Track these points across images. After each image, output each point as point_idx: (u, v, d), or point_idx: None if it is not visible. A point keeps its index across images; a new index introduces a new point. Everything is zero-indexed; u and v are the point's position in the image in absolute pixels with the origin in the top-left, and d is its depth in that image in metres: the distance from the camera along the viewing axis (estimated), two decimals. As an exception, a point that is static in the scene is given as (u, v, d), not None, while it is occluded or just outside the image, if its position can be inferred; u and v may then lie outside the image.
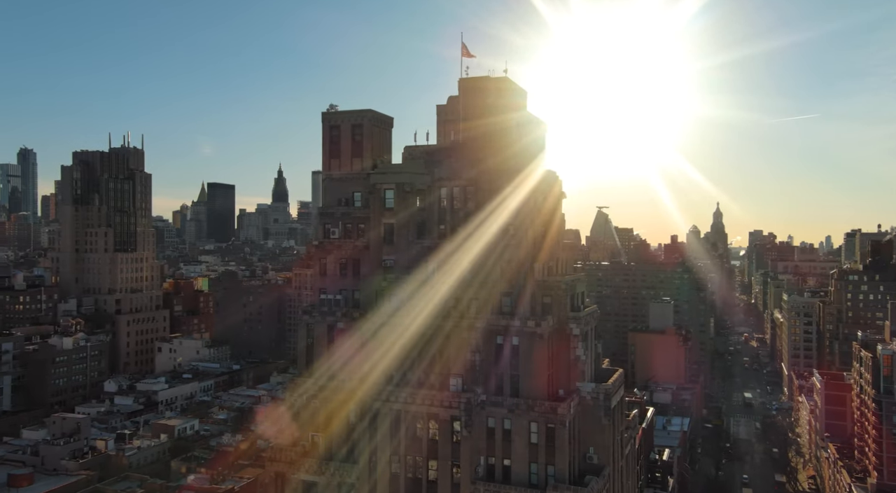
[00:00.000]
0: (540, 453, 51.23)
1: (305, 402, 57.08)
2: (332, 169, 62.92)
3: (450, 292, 55.01)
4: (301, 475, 54.97)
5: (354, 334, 57.54)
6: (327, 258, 61.00)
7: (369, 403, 54.65)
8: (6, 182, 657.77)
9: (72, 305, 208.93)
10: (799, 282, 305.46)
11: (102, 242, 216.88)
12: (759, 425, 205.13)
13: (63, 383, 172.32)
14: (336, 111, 62.83)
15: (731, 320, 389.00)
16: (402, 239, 58.47)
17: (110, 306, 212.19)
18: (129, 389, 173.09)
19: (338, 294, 60.05)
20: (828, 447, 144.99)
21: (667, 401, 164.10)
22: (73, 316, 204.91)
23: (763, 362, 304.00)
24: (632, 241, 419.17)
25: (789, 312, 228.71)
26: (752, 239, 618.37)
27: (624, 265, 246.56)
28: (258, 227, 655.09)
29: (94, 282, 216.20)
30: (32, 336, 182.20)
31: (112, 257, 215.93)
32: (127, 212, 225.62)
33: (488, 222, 55.98)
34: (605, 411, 54.38)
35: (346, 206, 61.88)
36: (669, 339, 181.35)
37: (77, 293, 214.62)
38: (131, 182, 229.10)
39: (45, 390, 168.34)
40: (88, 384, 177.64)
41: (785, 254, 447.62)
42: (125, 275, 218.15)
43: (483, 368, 53.65)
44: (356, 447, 54.91)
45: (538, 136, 67.91)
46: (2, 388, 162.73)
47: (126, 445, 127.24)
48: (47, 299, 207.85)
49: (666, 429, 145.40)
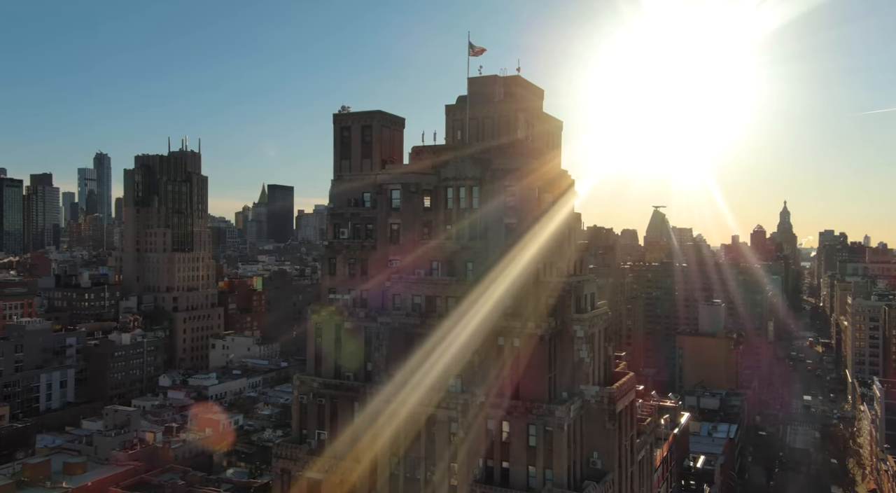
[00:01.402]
0: (538, 456, 50.52)
1: (312, 400, 58.04)
2: (343, 170, 63.80)
3: (450, 291, 54.89)
4: (307, 473, 55.93)
5: (360, 334, 58.15)
6: (336, 258, 61.86)
7: (370, 402, 55.10)
8: (83, 185, 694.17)
9: (132, 302, 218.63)
10: (868, 285, 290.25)
11: (161, 242, 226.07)
12: (819, 433, 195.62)
13: (121, 376, 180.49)
14: (346, 113, 63.67)
15: (795, 324, 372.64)
16: (407, 239, 58.72)
17: (168, 303, 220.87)
18: (182, 383, 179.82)
19: (346, 294, 60.82)
20: (887, 458, 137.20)
21: (714, 407, 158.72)
22: (134, 313, 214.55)
23: (827, 369, 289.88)
24: (689, 241, 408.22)
25: (854, 316, 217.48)
26: (821, 239, 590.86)
27: (676, 266, 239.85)
28: (315, 227, 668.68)
29: (154, 280, 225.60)
30: (95, 332, 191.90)
31: (170, 256, 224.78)
32: (184, 213, 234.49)
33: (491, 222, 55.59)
34: (610, 415, 53.11)
35: (356, 206, 62.61)
36: (720, 342, 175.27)
37: (138, 291, 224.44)
38: (188, 184, 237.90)
39: (105, 383, 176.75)
40: (145, 378, 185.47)
41: (856, 255, 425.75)
42: (182, 274, 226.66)
43: (482, 369, 53.28)
44: (359, 445, 55.43)
45: (551, 134, 67.05)
46: (66, 380, 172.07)
47: (173, 437, 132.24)
48: (110, 296, 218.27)
49: (711, 436, 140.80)
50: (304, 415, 58.80)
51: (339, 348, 59.52)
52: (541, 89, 69.98)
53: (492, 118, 60.24)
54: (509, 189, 54.81)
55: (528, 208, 54.77)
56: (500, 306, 53.91)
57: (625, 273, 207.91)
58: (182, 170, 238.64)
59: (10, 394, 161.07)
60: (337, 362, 59.57)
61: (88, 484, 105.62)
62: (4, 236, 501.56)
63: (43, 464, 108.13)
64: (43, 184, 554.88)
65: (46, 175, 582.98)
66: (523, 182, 54.93)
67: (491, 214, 55.74)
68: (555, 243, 57.01)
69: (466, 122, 60.70)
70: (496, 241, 55.31)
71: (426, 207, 58.96)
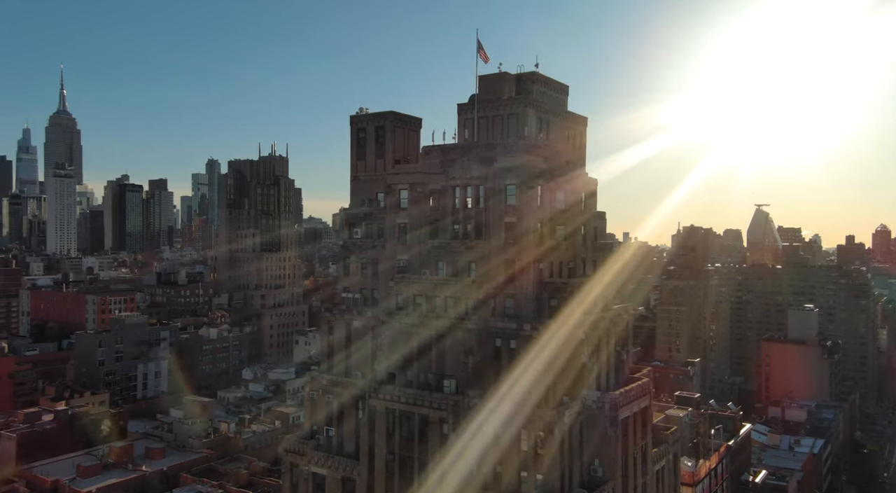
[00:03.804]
0: (529, 461, 49.19)
1: (321, 396, 59.46)
2: (359, 171, 64.92)
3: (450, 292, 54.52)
4: (312, 468, 57.37)
5: (367, 333, 58.97)
6: (350, 258, 63.04)
7: (370, 400, 55.71)
8: (196, 190, 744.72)
9: (224, 299, 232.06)
10: None
11: (251, 242, 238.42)
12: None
13: (209, 369, 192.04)
14: (362, 114, 64.75)
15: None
16: (414, 239, 58.91)
17: (256, 300, 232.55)
18: (262, 377, 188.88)
19: (357, 293, 61.84)
20: None
21: (801, 419, 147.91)
22: (225, 309, 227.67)
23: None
24: (797, 241, 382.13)
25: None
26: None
27: (769, 268, 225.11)
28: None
29: (244, 278, 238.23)
30: (188, 326, 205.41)
31: (259, 256, 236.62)
32: (272, 215, 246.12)
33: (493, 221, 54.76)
34: (612, 421, 50.87)
35: (370, 206, 63.51)
36: (810, 350, 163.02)
37: (230, 288, 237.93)
38: (276, 188, 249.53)
39: (194, 374, 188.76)
40: (230, 371, 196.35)
41: None
42: (270, 272, 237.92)
43: (477, 370, 52.51)
44: (360, 443, 56.22)
45: (572, 130, 65.09)
46: (160, 371, 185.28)
47: (244, 428, 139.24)
48: (204, 293, 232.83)
49: (792, 450, 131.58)
50: (315, 411, 60.32)
51: (349, 347, 60.62)
52: (564, 85, 68.14)
53: (501, 116, 59.32)
54: (509, 187, 53.77)
55: (529, 207, 53.45)
56: (499, 308, 53.03)
57: (709, 276, 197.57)
58: (271, 174, 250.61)
59: (110, 382, 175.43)
60: (347, 360, 60.68)
61: (164, 469, 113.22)
62: (126, 237, 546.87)
63: (126, 448, 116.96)
64: (159, 188, 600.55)
65: (162, 180, 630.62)
66: (524, 180, 53.68)
67: (493, 214, 54.90)
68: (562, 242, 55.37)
69: (475, 120, 60.12)
70: (497, 240, 54.42)
71: (433, 207, 58.93)
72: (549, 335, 50.81)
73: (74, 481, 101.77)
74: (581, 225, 59.46)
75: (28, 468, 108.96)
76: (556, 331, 51.29)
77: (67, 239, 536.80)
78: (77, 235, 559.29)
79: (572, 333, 51.83)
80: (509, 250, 53.23)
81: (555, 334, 51.23)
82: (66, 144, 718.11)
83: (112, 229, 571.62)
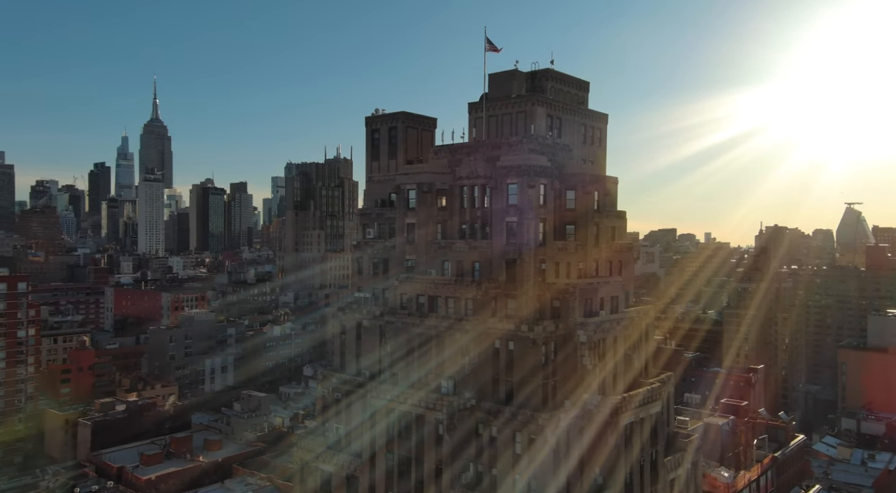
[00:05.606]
0: (523, 465, 48.01)
1: (331, 394, 60.28)
2: (373, 171, 65.41)
3: (451, 292, 54.06)
4: (320, 465, 58.23)
5: (375, 332, 59.30)
6: (363, 257, 63.60)
7: (371, 399, 55.98)
8: (276, 192, 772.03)
9: (290, 297, 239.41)
10: None
11: (316, 242, 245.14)
12: None
13: (272, 364, 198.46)
14: (376, 115, 65.19)
15: None
16: (422, 239, 58.75)
17: (321, 299, 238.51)
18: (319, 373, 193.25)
19: (368, 293, 62.29)
20: None
21: (878, 432, 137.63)
22: (291, 307, 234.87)
23: None
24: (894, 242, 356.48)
25: None
26: None
27: (852, 270, 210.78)
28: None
29: (309, 277, 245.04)
30: (254, 324, 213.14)
31: (323, 256, 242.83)
32: (336, 216, 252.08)
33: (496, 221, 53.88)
34: (612, 427, 48.95)
35: (383, 207, 63.87)
36: (891, 359, 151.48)
37: (295, 287, 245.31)
38: (340, 190, 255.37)
39: (258, 370, 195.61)
40: (292, 367, 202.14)
41: None
42: (333, 272, 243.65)
43: (475, 372, 51.75)
44: (364, 441, 56.59)
45: (590, 128, 63.17)
46: (226, 366, 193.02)
47: (298, 423, 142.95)
48: (271, 291, 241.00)
49: (864, 465, 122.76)
50: (326, 409, 61.18)
51: (358, 345, 61.13)
52: (584, 81, 66.25)
53: (510, 114, 58.33)
54: (510, 186, 52.73)
55: (532, 206, 52.20)
56: (500, 308, 52.07)
57: (782, 278, 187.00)
58: (335, 176, 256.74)
59: (181, 376, 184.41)
60: (357, 359, 61.22)
61: (219, 460, 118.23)
62: (210, 238, 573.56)
63: (186, 439, 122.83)
64: (239, 191, 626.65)
65: (242, 183, 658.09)
66: (525, 179, 52.48)
67: (496, 214, 54.01)
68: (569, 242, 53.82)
69: (484, 119, 59.36)
70: (500, 241, 53.50)
71: (441, 207, 58.62)
72: (549, 337, 49.51)
73: (137, 468, 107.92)
74: (594, 224, 57.57)
75: (98, 455, 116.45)
76: (556, 332, 49.95)
77: (156, 240, 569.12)
78: (165, 236, 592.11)
79: (573, 334, 50.32)
80: (510, 250, 52.24)
81: (555, 335, 49.89)
82: (158, 150, 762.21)
83: (196, 230, 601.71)
